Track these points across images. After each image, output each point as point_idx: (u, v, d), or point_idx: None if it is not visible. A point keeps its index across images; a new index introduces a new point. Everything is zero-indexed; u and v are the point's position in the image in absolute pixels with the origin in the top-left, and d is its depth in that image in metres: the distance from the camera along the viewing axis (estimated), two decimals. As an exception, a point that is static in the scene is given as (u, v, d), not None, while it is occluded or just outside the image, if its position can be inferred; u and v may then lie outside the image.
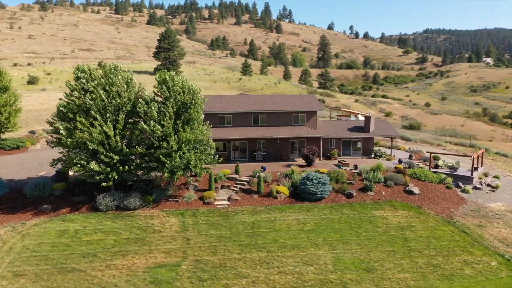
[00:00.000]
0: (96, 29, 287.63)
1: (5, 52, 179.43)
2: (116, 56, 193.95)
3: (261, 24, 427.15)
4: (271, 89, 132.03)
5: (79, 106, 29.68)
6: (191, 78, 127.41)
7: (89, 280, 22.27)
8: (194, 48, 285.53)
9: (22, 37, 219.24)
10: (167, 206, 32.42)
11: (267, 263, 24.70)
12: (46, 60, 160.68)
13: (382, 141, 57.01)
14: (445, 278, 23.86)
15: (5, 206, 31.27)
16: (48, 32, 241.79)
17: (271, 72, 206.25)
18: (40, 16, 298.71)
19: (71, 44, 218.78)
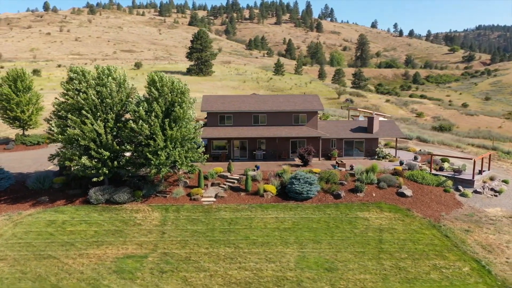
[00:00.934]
0: (139, 31, 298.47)
1: (53, 54, 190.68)
2: (155, 57, 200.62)
3: (301, 24, 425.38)
4: (300, 89, 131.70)
5: (72, 105, 31.77)
6: (222, 78, 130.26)
7: (59, 266, 24.05)
8: (232, 48, 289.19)
9: (70, 39, 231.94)
10: (155, 201, 33.92)
11: (231, 259, 25.43)
12: (88, 61, 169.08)
13: (393, 142, 55.76)
14: (406, 281, 23.54)
15: (8, 196, 34.04)
16: (94, 34, 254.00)
17: (306, 71, 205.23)
18: (88, 19, 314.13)
19: (114, 45, 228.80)
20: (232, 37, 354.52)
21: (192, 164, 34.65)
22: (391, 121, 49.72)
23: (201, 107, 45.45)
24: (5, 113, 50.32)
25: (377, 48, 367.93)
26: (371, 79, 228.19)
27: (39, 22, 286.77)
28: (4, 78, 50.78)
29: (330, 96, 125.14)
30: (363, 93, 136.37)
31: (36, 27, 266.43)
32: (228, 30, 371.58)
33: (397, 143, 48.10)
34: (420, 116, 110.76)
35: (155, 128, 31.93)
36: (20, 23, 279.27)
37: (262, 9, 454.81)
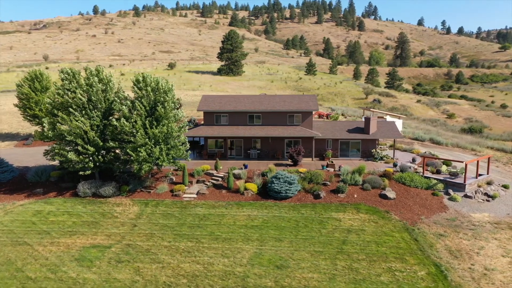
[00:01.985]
0: (179, 32, 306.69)
1: (96, 55, 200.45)
2: (191, 57, 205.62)
3: (342, 22, 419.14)
4: (328, 89, 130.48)
5: (61, 104, 34.11)
6: (251, 78, 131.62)
7: (29, 252, 26.16)
8: (269, 48, 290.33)
9: (113, 41, 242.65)
10: (139, 196, 35.64)
11: (188, 252, 26.49)
12: (126, 62, 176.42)
13: (400, 143, 54.53)
14: (353, 282, 23.52)
15: (8, 188, 37.05)
16: (136, 36, 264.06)
17: (342, 71, 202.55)
18: (132, 21, 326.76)
19: (153, 46, 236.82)
20: (271, 37, 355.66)
21: (174, 161, 36.03)
22: (391, 122, 48.71)
23: (198, 107, 46.84)
24: (25, 111, 54.26)
25: (422, 47, 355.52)
26: (411, 79, 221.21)
27: (87, 25, 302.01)
28: (24, 78, 54.77)
29: (358, 96, 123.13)
30: (393, 93, 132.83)
31: (83, 29, 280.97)
32: (267, 30, 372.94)
33: (395, 144, 47.08)
34: (451, 117, 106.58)
35: (136, 126, 33.56)
36: (69, 26, 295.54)
37: (303, 8, 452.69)
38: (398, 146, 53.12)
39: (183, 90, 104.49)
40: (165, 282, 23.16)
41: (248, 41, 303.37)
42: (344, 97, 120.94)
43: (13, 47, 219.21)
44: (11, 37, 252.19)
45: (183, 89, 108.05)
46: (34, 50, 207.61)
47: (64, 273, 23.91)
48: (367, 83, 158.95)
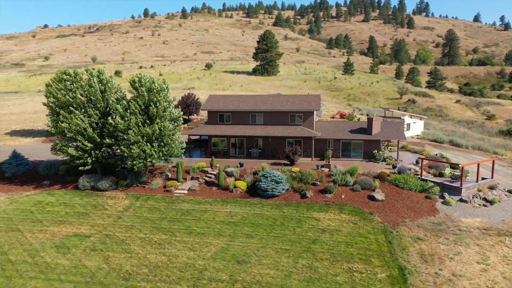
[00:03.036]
0: (223, 33, 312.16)
1: (141, 56, 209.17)
2: (230, 58, 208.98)
3: (391, 20, 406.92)
4: (362, 89, 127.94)
5: (63, 103, 36.76)
6: (285, 78, 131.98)
7: (18, 238, 28.71)
8: (311, 47, 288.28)
9: (158, 42, 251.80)
10: (134, 190, 37.60)
11: (159, 245, 27.85)
12: (167, 62, 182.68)
13: (411, 145, 52.97)
14: (308, 280, 23.75)
15: (21, 179, 40.43)
16: (181, 37, 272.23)
17: (384, 70, 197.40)
18: (179, 23, 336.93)
19: (196, 47, 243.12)
20: (315, 36, 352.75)
21: (166, 158, 37.63)
22: (396, 123, 47.50)
23: (202, 106, 48.27)
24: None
25: (475, 44, 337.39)
26: (459, 78, 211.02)
27: (136, 28, 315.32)
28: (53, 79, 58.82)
29: (392, 96, 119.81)
30: (432, 93, 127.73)
31: (132, 32, 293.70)
32: (311, 29, 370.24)
33: (398, 145, 45.90)
34: (490, 118, 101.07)
35: (130, 124, 35.48)
36: (120, 29, 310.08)
37: (350, 6, 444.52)
38: (410, 147, 51.72)
39: (213, 90, 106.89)
40: (127, 271, 24.64)
41: (290, 41, 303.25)
42: (377, 97, 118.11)
43: (67, 50, 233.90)
44: (66, 40, 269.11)
45: (214, 88, 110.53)
46: (85, 52, 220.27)
47: (41, 257, 26.10)
48: (407, 83, 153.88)
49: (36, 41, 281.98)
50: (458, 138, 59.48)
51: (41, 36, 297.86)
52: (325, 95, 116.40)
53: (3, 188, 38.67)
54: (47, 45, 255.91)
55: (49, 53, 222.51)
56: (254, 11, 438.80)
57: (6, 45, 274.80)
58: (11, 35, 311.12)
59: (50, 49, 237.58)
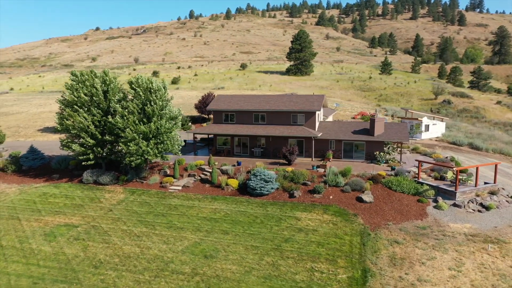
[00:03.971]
0: (265, 33, 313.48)
1: (181, 57, 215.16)
2: (268, 58, 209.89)
3: (441, 17, 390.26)
4: (397, 89, 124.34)
5: (68, 102, 39.34)
6: (317, 78, 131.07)
7: (14, 226, 31.28)
8: (353, 46, 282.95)
9: (200, 43, 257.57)
10: (132, 185, 39.50)
11: (138, 237, 29.31)
12: (205, 63, 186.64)
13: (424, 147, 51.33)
14: (266, 277, 24.19)
15: (34, 173, 43.62)
16: (222, 38, 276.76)
17: (427, 69, 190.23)
18: (221, 24, 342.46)
19: (236, 48, 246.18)
20: (359, 35, 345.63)
21: (162, 155, 39.20)
22: (401, 124, 46.30)
23: (208, 106, 49.54)
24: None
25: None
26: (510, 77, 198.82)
27: (180, 29, 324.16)
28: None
29: (427, 97, 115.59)
30: (471, 93, 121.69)
31: (176, 33, 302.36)
32: (355, 27, 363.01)
33: (402, 147, 44.73)
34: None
35: (128, 122, 37.37)
36: (165, 31, 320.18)
37: (397, 4, 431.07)
38: (421, 149, 50.25)
39: (242, 90, 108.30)
40: (99, 259, 26.26)
41: (331, 40, 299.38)
42: (411, 97, 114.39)
43: (114, 51, 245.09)
44: (114, 42, 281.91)
45: (243, 88, 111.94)
46: (130, 54, 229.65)
47: (28, 244, 28.37)
48: (447, 82, 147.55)
49: (87, 43, 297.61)
50: (478, 141, 56.75)
51: (92, 39, 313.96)
52: (356, 95, 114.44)
53: (17, 180, 41.96)
54: (97, 47, 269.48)
55: (97, 55, 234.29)
56: (297, 10, 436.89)
57: (61, 47, 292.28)
58: (66, 38, 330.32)
59: (99, 51, 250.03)
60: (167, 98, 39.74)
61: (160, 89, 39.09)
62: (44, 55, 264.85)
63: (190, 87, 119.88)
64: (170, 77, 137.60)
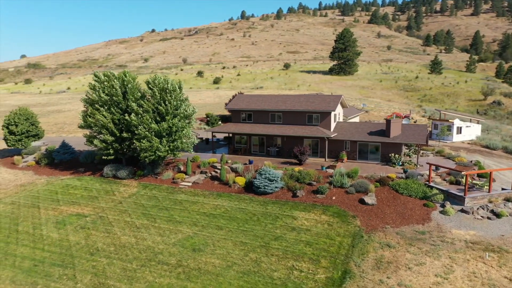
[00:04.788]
0: (314, 32, 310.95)
1: (228, 57, 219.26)
2: (314, 57, 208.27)
3: (506, 13, 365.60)
4: (444, 89, 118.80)
5: (92, 101, 42.17)
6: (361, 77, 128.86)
7: (33, 213, 34.23)
8: (406, 45, 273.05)
9: (248, 43, 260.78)
10: (147, 180, 41.58)
11: (137, 228, 31.04)
12: (250, 62, 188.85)
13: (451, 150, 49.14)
14: (245, 272, 24.80)
15: (64, 166, 47.12)
16: (270, 38, 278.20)
17: (484, 68, 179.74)
18: (271, 24, 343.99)
19: (283, 47, 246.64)
20: (413, 33, 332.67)
21: (174, 153, 40.89)
22: (420, 126, 44.71)
23: (227, 105, 50.74)
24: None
25: None
26: None
27: (230, 30, 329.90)
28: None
29: (476, 98, 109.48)
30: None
31: (226, 34, 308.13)
32: (410, 25, 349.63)
33: (419, 150, 43.21)
34: None
35: (142, 120, 39.44)
36: (215, 31, 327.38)
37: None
38: (446, 152, 48.22)
39: (280, 90, 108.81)
40: (97, 247, 28.22)
41: (383, 39, 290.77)
42: (457, 98, 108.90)
43: (165, 52, 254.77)
44: (167, 43, 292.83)
45: (281, 88, 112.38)
46: (180, 54, 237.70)
47: (40, 230, 31.04)
48: (503, 82, 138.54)
49: (142, 44, 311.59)
50: (513, 145, 53.31)
51: (147, 40, 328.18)
52: (398, 95, 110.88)
53: (48, 172, 45.62)
54: (150, 48, 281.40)
55: (150, 55, 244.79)
56: (350, 9, 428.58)
57: (118, 49, 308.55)
58: (123, 40, 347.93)
59: (152, 52, 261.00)
60: (181, 98, 41.32)
61: (175, 89, 40.75)
62: (103, 56, 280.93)
63: (230, 86, 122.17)
64: (214, 77, 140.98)
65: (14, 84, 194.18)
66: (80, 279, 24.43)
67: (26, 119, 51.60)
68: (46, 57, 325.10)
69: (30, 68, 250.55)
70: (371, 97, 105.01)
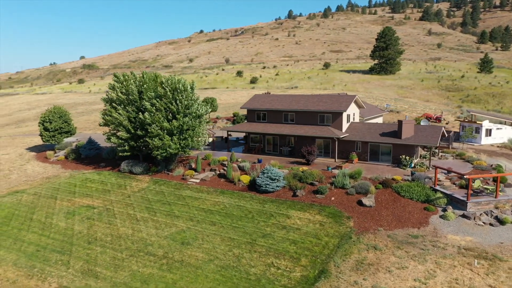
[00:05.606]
0: (361, 31, 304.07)
1: (270, 57, 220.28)
2: (357, 56, 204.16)
3: None
4: (491, 89, 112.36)
5: (111, 99, 44.79)
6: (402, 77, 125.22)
7: (49, 204, 37.11)
8: (458, 42, 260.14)
9: (292, 43, 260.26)
10: (159, 176, 43.52)
11: (137, 221, 32.81)
12: (291, 62, 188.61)
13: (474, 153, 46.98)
14: (223, 267, 25.64)
15: (88, 161, 50.30)
16: (314, 37, 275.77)
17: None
18: (316, 23, 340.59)
19: (327, 46, 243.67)
20: (469, 29, 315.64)
21: (184, 150, 42.48)
22: (435, 127, 43.13)
23: (243, 105, 51.71)
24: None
25: None
26: None
27: (275, 29, 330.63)
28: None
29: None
30: None
31: (270, 34, 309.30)
32: (465, 21, 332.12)
33: (431, 152, 41.75)
34: None
35: (154, 118, 41.40)
36: (261, 31, 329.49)
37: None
38: (467, 155, 46.22)
39: (314, 89, 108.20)
40: (96, 237, 30.26)
41: (434, 36, 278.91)
42: (504, 98, 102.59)
43: (210, 52, 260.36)
44: (213, 44, 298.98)
45: (315, 88, 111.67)
46: (225, 54, 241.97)
47: (51, 219, 33.69)
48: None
49: (189, 45, 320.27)
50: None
51: (194, 41, 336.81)
52: (438, 95, 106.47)
53: (73, 166, 48.97)
54: (197, 49, 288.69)
55: (195, 56, 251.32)
56: (401, 6, 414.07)
57: (167, 50, 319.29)
58: (173, 41, 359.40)
59: (197, 52, 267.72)
60: (193, 98, 42.82)
61: (187, 89, 42.30)
62: (152, 57, 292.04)
63: (266, 86, 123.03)
64: (252, 76, 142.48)
65: (68, 84, 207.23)
66: (73, 265, 26.44)
67: (59, 117, 55.52)
68: (101, 58, 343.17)
69: (85, 68, 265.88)
70: (408, 97, 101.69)
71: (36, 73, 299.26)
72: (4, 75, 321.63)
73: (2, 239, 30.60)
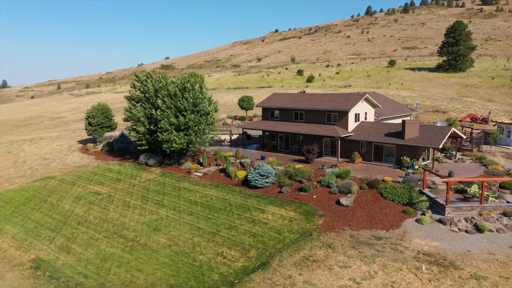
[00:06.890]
0: (442, 25, 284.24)
1: (339, 55, 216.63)
2: (431, 53, 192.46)
3: None
4: None
5: (131, 97, 49.08)
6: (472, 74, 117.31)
7: (66, 189, 42.08)
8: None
9: (363, 40, 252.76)
10: (169, 168, 46.78)
11: (128, 208, 36.14)
12: (357, 60, 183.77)
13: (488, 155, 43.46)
14: (177, 252, 27.75)
15: (117, 153, 55.34)
16: (389, 33, 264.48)
17: None
18: (394, 18, 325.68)
19: (401, 43, 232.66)
20: None
21: (189, 146, 45.17)
22: (442, 128, 40.66)
23: (257, 103, 53.09)
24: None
25: None
26: None
27: (350, 27, 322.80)
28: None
29: None
30: None
31: (344, 31, 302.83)
32: None
33: (434, 155, 39.49)
34: None
35: (164, 115, 44.73)
36: (335, 29, 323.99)
37: None
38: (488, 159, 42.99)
39: (368, 88, 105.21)
40: (86, 219, 34.11)
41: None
42: None
43: (280, 51, 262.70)
44: (284, 43, 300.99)
45: (370, 87, 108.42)
46: (293, 53, 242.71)
47: (60, 202, 38.41)
48: None
49: (263, 45, 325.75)
50: None
51: (268, 40, 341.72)
52: (505, 95, 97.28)
53: (104, 157, 54.31)
54: (269, 48, 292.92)
55: (265, 55, 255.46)
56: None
57: (241, 50, 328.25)
58: (247, 41, 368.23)
59: (268, 52, 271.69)
60: (200, 96, 45.35)
61: (194, 88, 44.94)
62: (226, 57, 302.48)
63: (321, 85, 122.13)
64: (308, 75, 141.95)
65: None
66: (56, 241, 30.36)
67: (101, 113, 61.65)
68: (181, 59, 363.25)
69: (163, 68, 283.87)
70: (468, 97, 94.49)
71: (122, 74, 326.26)
72: (96, 75, 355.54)
73: (14, 215, 35.81)
